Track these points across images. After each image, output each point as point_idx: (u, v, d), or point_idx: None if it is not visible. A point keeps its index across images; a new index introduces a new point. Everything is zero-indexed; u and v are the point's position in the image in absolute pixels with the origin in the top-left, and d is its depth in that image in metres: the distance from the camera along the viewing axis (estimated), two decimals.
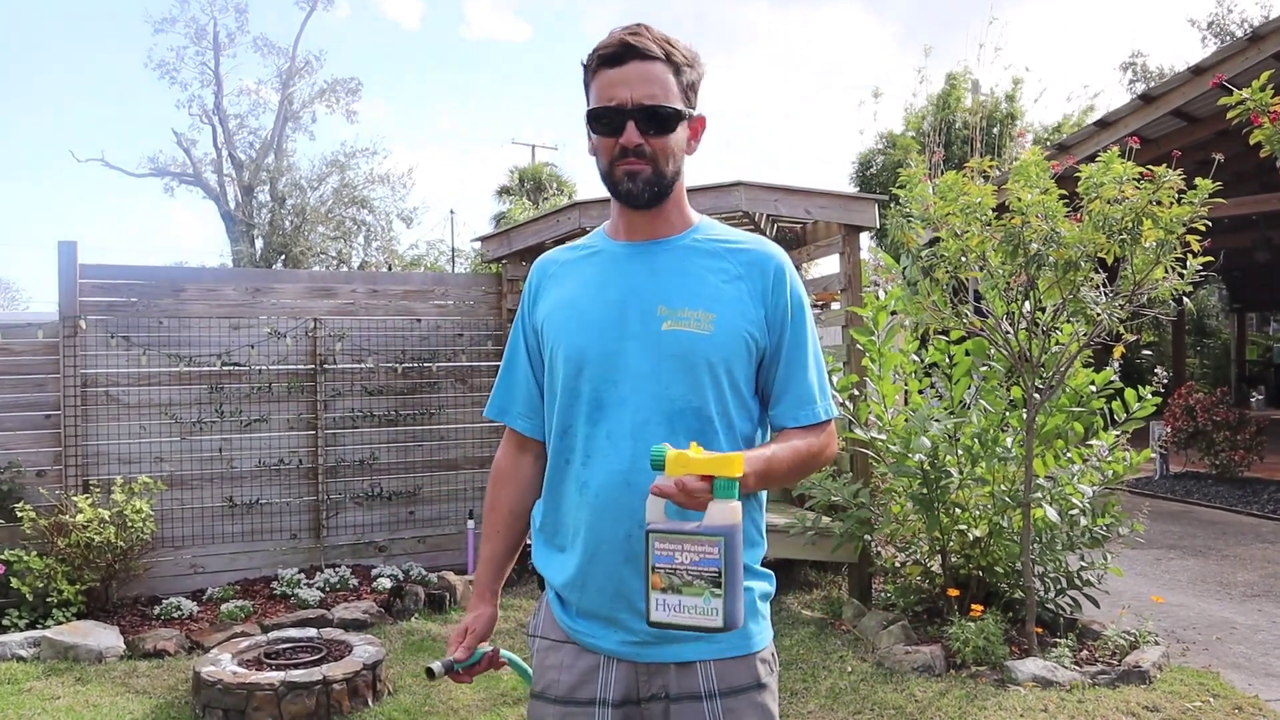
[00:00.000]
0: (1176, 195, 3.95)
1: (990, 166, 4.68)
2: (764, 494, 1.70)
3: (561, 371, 1.63)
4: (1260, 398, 15.71)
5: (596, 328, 1.60)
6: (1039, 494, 4.46)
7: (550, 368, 1.67)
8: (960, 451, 4.69)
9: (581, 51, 1.58)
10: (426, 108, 62.87)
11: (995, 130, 16.13)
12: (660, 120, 1.55)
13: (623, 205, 1.63)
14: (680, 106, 1.57)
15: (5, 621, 4.92)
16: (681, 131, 1.59)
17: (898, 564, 5.14)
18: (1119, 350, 4.63)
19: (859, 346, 5.12)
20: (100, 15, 46.99)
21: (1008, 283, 4.35)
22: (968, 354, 4.91)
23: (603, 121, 1.56)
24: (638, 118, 1.54)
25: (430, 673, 1.62)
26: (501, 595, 1.80)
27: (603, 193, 1.66)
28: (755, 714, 1.60)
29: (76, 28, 47.38)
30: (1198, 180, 3.95)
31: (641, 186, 1.57)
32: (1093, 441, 4.80)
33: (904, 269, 5.51)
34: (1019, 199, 4.18)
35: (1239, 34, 15.20)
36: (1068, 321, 4.40)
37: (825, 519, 5.31)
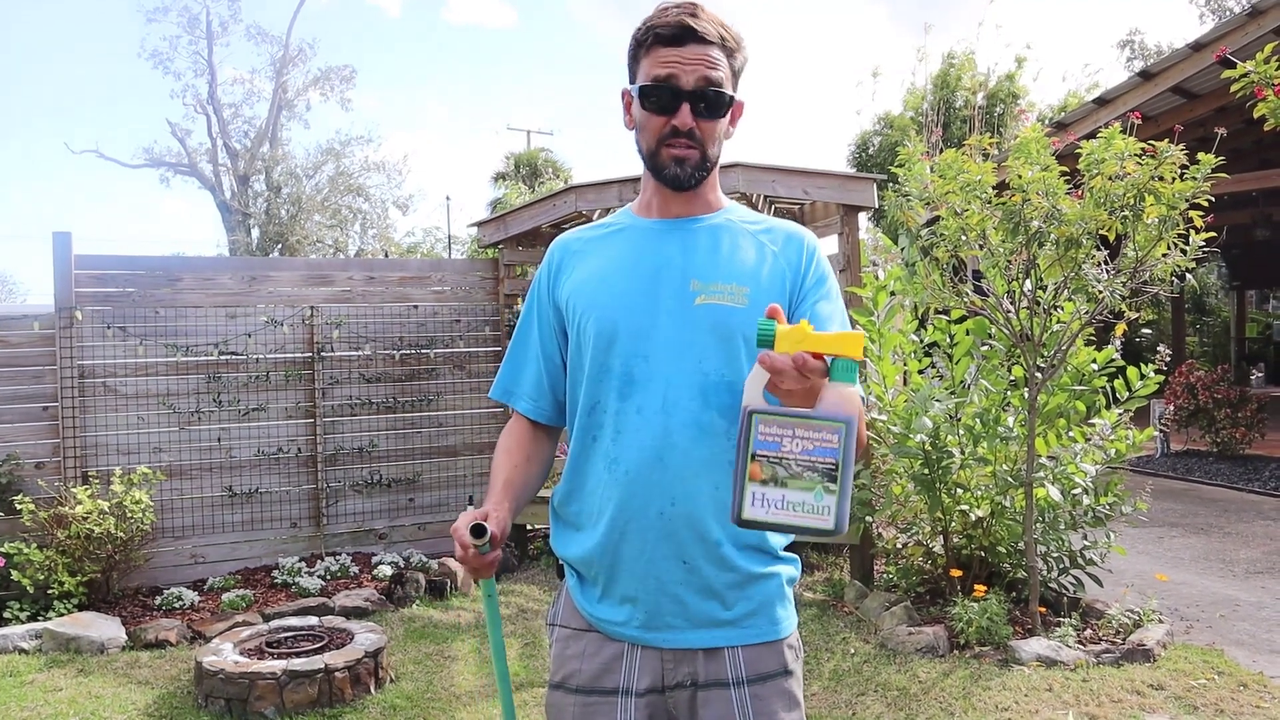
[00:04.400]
0: (1179, 171, 3.92)
1: (990, 144, 4.65)
2: None
3: (591, 345, 1.59)
4: (1260, 375, 15.71)
5: (628, 301, 1.57)
6: (1041, 473, 4.45)
7: (578, 343, 1.62)
8: (961, 431, 4.67)
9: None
10: (416, 95, 62.76)
11: (998, 110, 16.02)
12: (715, 104, 1.54)
13: (663, 187, 1.61)
14: (731, 91, 1.56)
15: (6, 614, 4.91)
16: (727, 116, 1.59)
17: (899, 545, 5.13)
18: (1120, 328, 4.61)
19: (859, 327, 5.09)
20: (92, 5, 46.77)
21: (1008, 261, 4.32)
22: (968, 333, 4.88)
23: (655, 100, 1.54)
24: (694, 101, 1.53)
25: (480, 530, 1.45)
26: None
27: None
28: (782, 701, 1.56)
29: (69, 19, 47.16)
30: (1200, 155, 3.91)
31: (690, 171, 1.56)
32: (1095, 420, 4.77)
33: (902, 249, 5.48)
34: (1019, 176, 4.14)
35: (1237, 10, 15.10)
36: (1069, 299, 4.37)
37: None
